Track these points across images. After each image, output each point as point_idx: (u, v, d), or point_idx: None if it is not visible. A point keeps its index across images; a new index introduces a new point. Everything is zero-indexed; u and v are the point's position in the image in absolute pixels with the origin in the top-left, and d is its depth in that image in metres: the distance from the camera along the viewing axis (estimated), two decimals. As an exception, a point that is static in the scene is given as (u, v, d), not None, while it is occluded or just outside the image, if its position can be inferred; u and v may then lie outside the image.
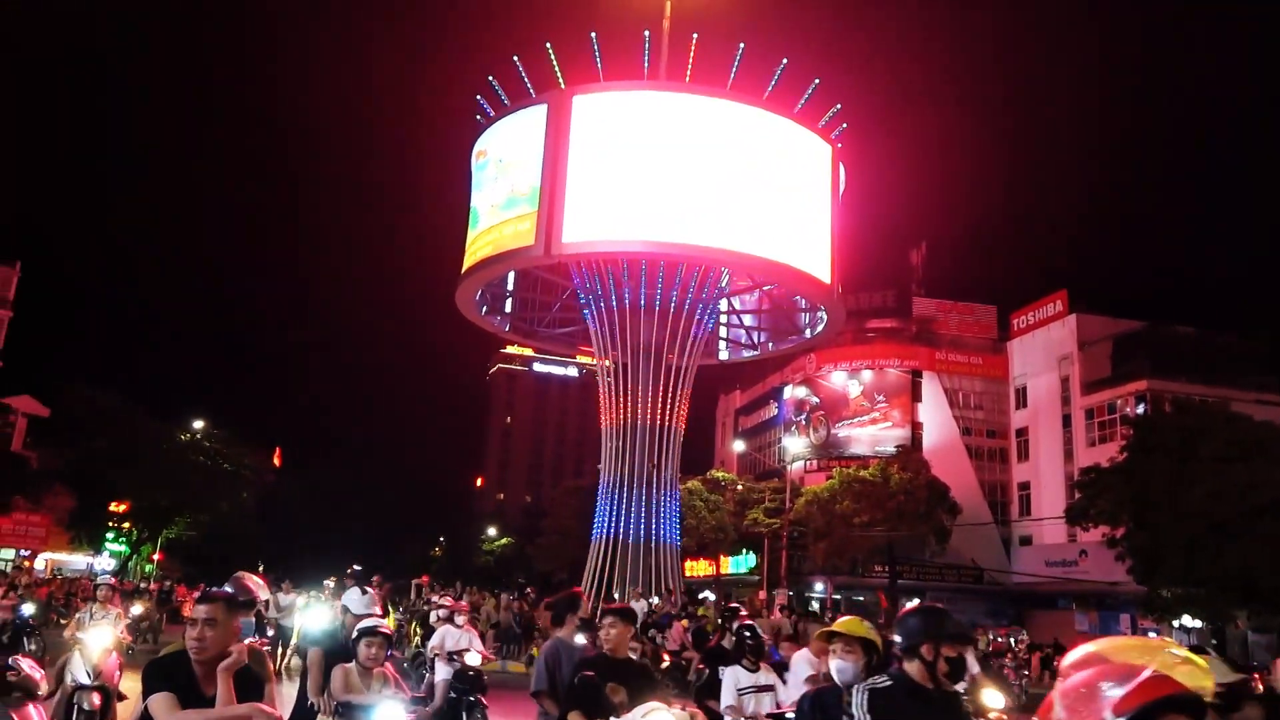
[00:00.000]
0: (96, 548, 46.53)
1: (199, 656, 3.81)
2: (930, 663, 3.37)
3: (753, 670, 6.30)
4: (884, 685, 3.40)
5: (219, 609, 3.88)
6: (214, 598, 3.96)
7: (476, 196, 31.01)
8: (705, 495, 42.44)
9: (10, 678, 5.98)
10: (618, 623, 5.43)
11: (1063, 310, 45.81)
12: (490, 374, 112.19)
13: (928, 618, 3.49)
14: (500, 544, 70.27)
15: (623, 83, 29.32)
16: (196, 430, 45.56)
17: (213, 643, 3.81)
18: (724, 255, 28.42)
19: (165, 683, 3.74)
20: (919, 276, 54.70)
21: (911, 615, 3.57)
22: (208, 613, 3.85)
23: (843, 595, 44.46)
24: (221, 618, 3.86)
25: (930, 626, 3.43)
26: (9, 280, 51.42)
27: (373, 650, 5.63)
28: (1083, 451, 41.46)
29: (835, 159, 30.87)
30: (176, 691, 3.71)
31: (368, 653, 5.62)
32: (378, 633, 5.70)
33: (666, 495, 29.22)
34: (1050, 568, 41.62)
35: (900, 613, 3.60)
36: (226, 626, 3.89)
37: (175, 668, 3.82)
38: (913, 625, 3.47)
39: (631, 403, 29.05)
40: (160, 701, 3.68)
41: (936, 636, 3.39)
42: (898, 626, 3.54)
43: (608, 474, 29.55)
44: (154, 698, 3.69)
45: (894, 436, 47.69)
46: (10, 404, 46.61)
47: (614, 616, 5.50)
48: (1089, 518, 30.78)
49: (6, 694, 5.99)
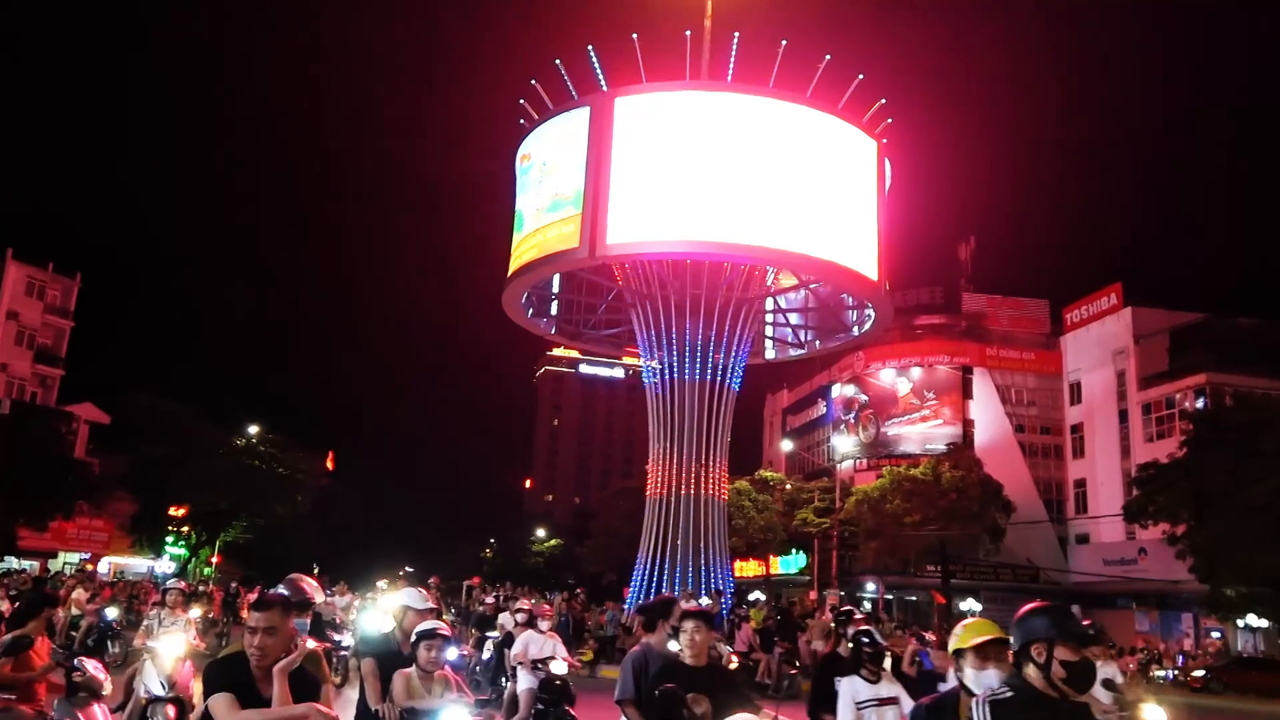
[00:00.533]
0: (157, 551, 47.64)
1: (260, 664, 3.87)
2: (1042, 666, 3.14)
3: (873, 681, 5.81)
4: (1005, 696, 3.17)
5: (276, 615, 3.93)
6: (270, 604, 4.01)
7: (521, 200, 31.21)
8: (753, 495, 42.28)
9: (75, 678, 6.16)
10: (700, 627, 5.02)
11: (1117, 303, 44.91)
12: (537, 376, 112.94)
13: (1040, 616, 3.24)
14: (549, 545, 70.67)
15: (665, 83, 29.30)
16: (251, 435, 46.42)
17: (272, 649, 3.87)
18: (768, 254, 28.27)
19: (225, 683, 3.82)
20: (968, 271, 54.05)
21: (1026, 615, 3.29)
22: (266, 620, 3.89)
23: (895, 595, 44.03)
24: (279, 623, 3.92)
25: (1043, 626, 3.19)
26: (70, 291, 52.93)
27: (432, 653, 5.48)
28: (1140, 447, 40.65)
29: (880, 154, 30.56)
30: (236, 692, 3.79)
31: (427, 655, 5.47)
32: (436, 634, 5.54)
33: (714, 498, 29.13)
34: (1109, 566, 40.84)
35: (1018, 613, 3.34)
36: (284, 631, 3.95)
37: (234, 668, 3.90)
38: (1028, 626, 3.23)
39: (678, 403, 29.03)
40: (220, 702, 3.76)
41: (1050, 637, 3.15)
42: (1015, 628, 3.31)
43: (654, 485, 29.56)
44: (214, 698, 3.78)
45: (945, 434, 47.13)
46: (73, 411, 47.95)
47: (696, 620, 5.07)
48: (1148, 515, 30.22)
49: (73, 694, 6.17)
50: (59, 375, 52.11)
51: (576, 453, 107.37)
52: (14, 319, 48.86)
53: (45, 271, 50.83)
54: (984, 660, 3.92)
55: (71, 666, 6.26)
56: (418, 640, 5.52)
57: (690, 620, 5.07)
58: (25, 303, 49.69)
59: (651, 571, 28.29)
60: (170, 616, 9.37)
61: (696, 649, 4.96)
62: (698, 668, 4.92)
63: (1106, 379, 45.09)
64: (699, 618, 5.09)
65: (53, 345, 51.90)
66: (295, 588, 6.01)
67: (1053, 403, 48.64)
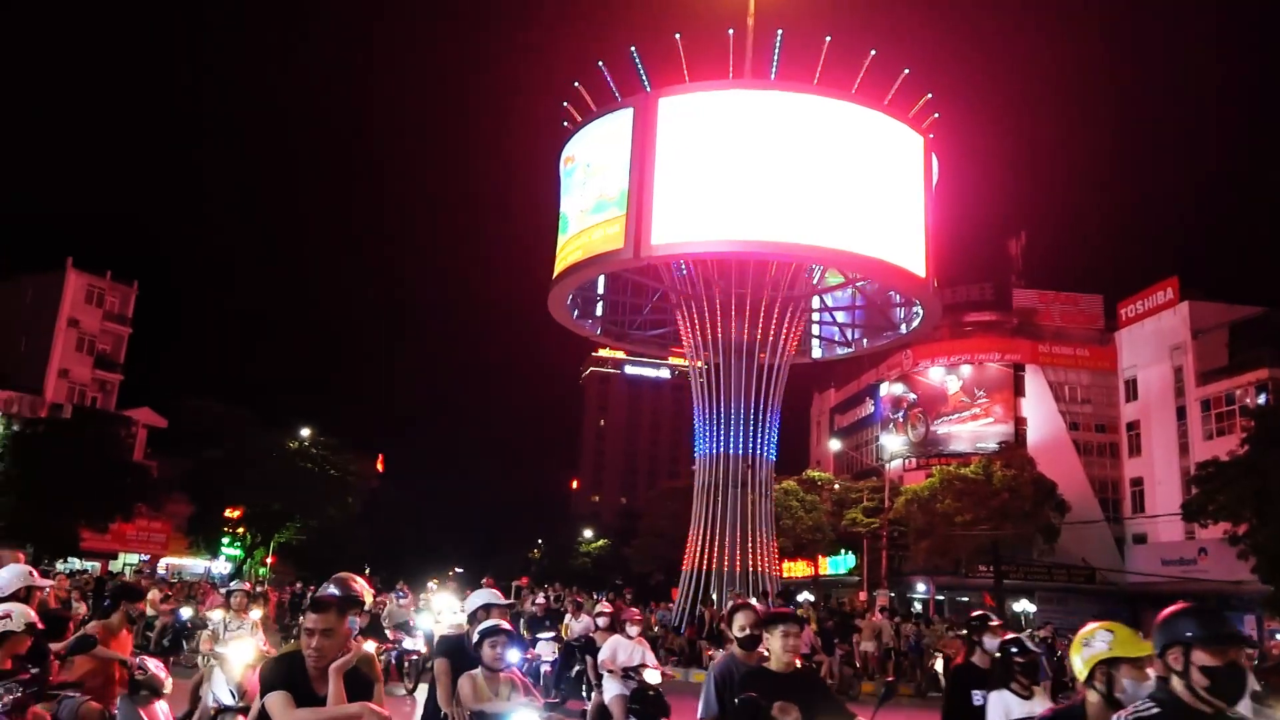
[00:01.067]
0: (213, 552, 48.66)
1: (317, 664, 3.92)
2: (1182, 674, 2.86)
3: (1025, 696, 5.19)
4: (1151, 712, 2.88)
5: (332, 616, 3.98)
6: (327, 605, 4.06)
7: (565, 202, 31.34)
8: (801, 495, 42.03)
9: (137, 676, 6.26)
10: (791, 630, 4.68)
11: (1174, 298, 43.91)
12: (583, 378, 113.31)
13: (1181, 618, 2.93)
14: (597, 546, 70.87)
15: (707, 82, 29.24)
16: (304, 438, 47.18)
17: (329, 650, 3.92)
18: (814, 252, 28.09)
19: (281, 682, 3.88)
20: (1018, 267, 53.26)
21: (1167, 617, 2.97)
22: (323, 622, 3.94)
23: (946, 596, 43.48)
24: (335, 624, 3.97)
25: (1181, 629, 2.89)
26: (128, 299, 54.25)
27: (497, 650, 5.32)
28: (1199, 445, 39.72)
29: (927, 150, 30.21)
30: (291, 691, 3.85)
31: (491, 654, 5.30)
32: (500, 631, 5.39)
33: (762, 496, 29.00)
34: (1167, 566, 39.96)
35: (1159, 616, 3.03)
36: (340, 631, 4.00)
37: (290, 667, 3.96)
38: (1166, 630, 2.93)
39: (725, 397, 28.97)
40: (277, 700, 3.82)
41: (1186, 641, 2.85)
42: (1156, 633, 3.00)
43: (701, 476, 29.53)
44: (270, 696, 3.84)
45: (996, 433, 46.47)
46: (131, 416, 49.17)
47: (786, 623, 4.71)
48: (1208, 514, 29.53)
49: (135, 692, 6.27)
50: (118, 380, 53.43)
51: (623, 453, 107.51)
52: (74, 326, 50.20)
53: (104, 280, 52.18)
54: (1140, 670, 3.54)
55: (136, 665, 6.35)
56: (481, 638, 5.38)
57: (779, 623, 4.75)
58: (85, 310, 51.04)
59: (699, 572, 28.23)
60: (236, 620, 9.08)
61: (790, 653, 4.66)
62: (786, 674, 4.62)
63: (1163, 375, 44.13)
64: (788, 620, 4.78)
65: (111, 351, 53.22)
66: (345, 587, 5.93)
67: (1108, 400, 47.70)
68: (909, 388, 50.78)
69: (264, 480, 42.44)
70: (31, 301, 49.67)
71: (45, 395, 47.21)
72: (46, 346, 48.83)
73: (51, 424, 40.28)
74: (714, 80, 29.25)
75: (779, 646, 4.67)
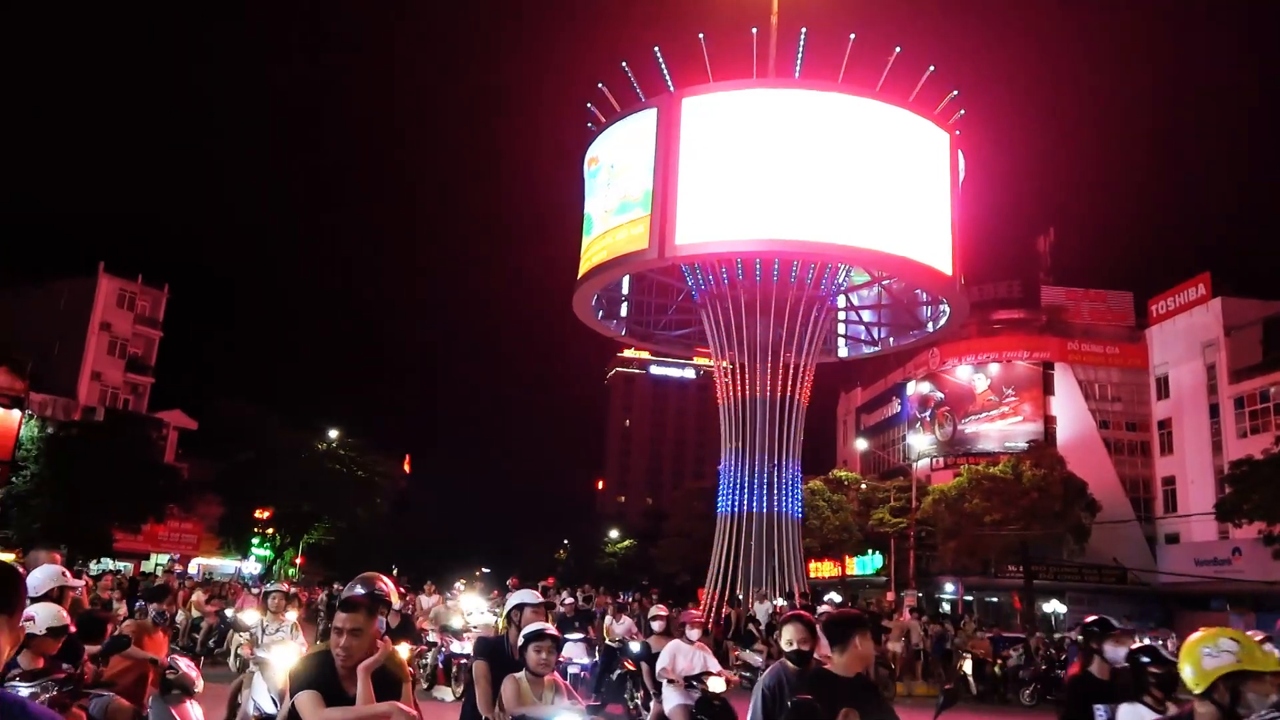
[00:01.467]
0: (243, 553, 49.12)
1: (346, 663, 3.96)
2: None
3: (1160, 711, 4.80)
4: None
5: (361, 616, 4.02)
6: (357, 605, 4.09)
7: (590, 203, 31.40)
8: (828, 495, 41.84)
9: (169, 676, 6.31)
10: (867, 636, 4.45)
11: (1206, 294, 43.31)
12: (608, 378, 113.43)
13: None
14: (622, 546, 70.88)
15: (731, 82, 29.19)
16: (332, 440, 47.53)
17: (357, 649, 3.96)
18: (839, 251, 27.98)
19: (310, 681, 3.91)
20: (1047, 264, 52.75)
21: None
22: (352, 621, 3.98)
23: (974, 596, 43.13)
24: (364, 624, 4.01)
25: None
26: (159, 302, 54.90)
27: (542, 655, 5.18)
28: (1232, 443, 39.13)
29: (953, 146, 30.01)
30: (321, 690, 3.88)
31: (537, 658, 5.17)
32: (546, 635, 5.28)
33: (788, 495, 28.93)
34: (1200, 567, 39.43)
35: None
36: (369, 631, 4.03)
37: (319, 667, 3.99)
38: None
39: (750, 396, 28.93)
40: (307, 699, 3.85)
41: None
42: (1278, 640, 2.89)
43: (727, 473, 29.49)
44: (300, 695, 3.87)
45: (1025, 431, 46.05)
46: (163, 418, 49.75)
47: (861, 629, 4.45)
48: (1242, 513, 29.18)
49: (166, 692, 6.33)
50: (149, 383, 54.06)
51: (648, 453, 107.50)
52: (107, 330, 50.86)
53: (135, 284, 52.81)
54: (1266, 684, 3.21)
55: (167, 665, 6.41)
56: (526, 642, 5.27)
57: (858, 629, 4.45)
58: (117, 314, 51.70)
59: (726, 569, 28.21)
60: (274, 622, 8.69)
61: (863, 660, 4.44)
62: (849, 679, 4.36)
63: (1195, 372, 43.53)
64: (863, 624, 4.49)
65: (143, 354, 53.86)
66: (372, 586, 5.87)
67: (1138, 398, 47.14)
68: (936, 386, 50.43)
69: (293, 481, 42.81)
70: (65, 306, 50.37)
71: (79, 398, 47.87)
72: (79, 350, 49.50)
73: (85, 427, 40.82)
74: (737, 80, 29.20)
75: (853, 653, 4.40)
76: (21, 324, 48.22)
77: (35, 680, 5.02)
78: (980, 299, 45.58)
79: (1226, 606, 38.31)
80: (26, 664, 5.09)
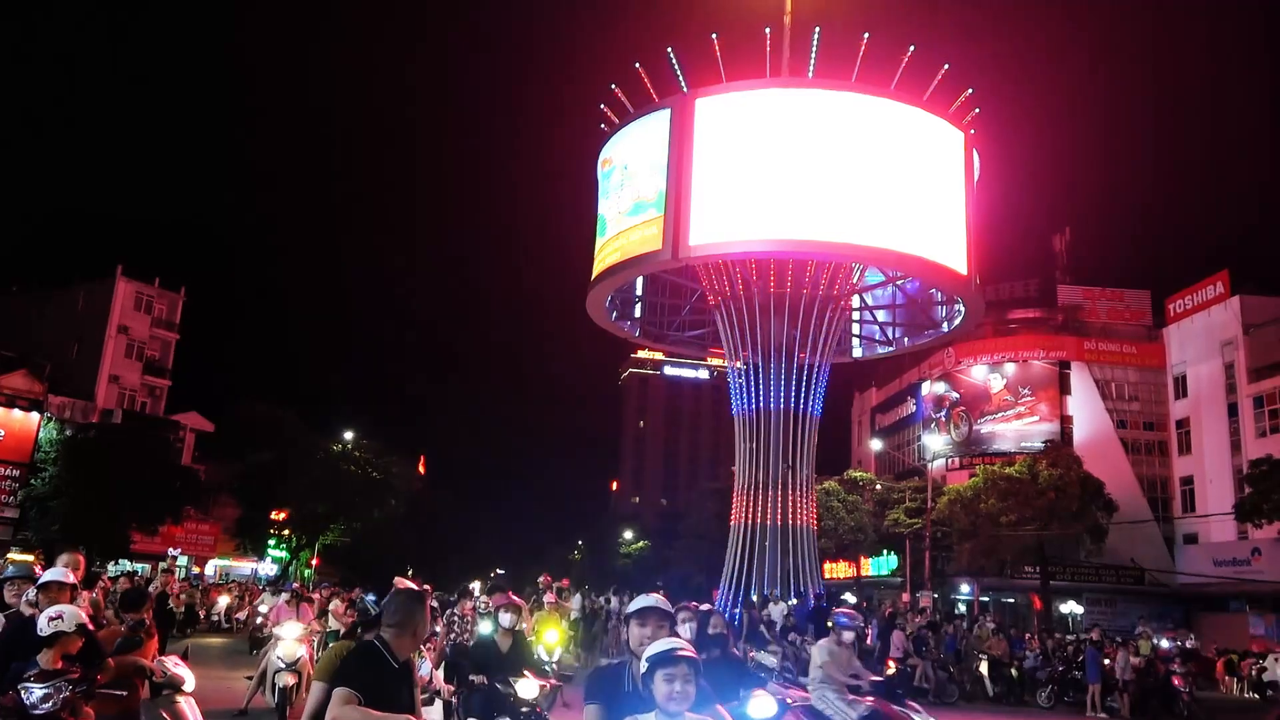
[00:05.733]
0: (260, 554, 49.33)
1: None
2: None
3: None
4: None
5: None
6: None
7: (603, 204, 31.39)
8: (843, 496, 41.72)
9: (156, 679, 6.22)
10: None
11: (1224, 292, 42.95)
12: (622, 379, 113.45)
13: None
14: (637, 547, 70.88)
15: (745, 82, 29.12)
16: (347, 441, 47.70)
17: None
18: (854, 251, 27.88)
19: (355, 679, 3.86)
20: (1063, 263, 52.50)
21: None
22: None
23: (991, 597, 42.89)
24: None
25: None
26: (175, 305, 55.23)
27: (676, 685, 3.17)
28: (1252, 442, 38.80)
29: (968, 145, 29.86)
30: (364, 690, 3.83)
31: (668, 690, 3.18)
32: (680, 658, 3.21)
33: (802, 495, 28.86)
34: (1219, 567, 39.10)
35: None
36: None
37: (369, 666, 4.01)
38: None
39: (764, 401, 28.88)
40: (341, 695, 3.81)
41: None
42: None
43: (742, 478, 29.45)
44: (339, 690, 3.82)
45: (1041, 431, 45.81)
46: (180, 421, 50.05)
47: None
48: (1262, 513, 28.95)
49: (156, 694, 6.27)
50: (166, 386, 54.39)
51: (662, 455, 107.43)
52: (124, 333, 51.19)
53: (152, 287, 53.14)
54: None
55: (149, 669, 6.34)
56: (652, 668, 3.23)
57: None
58: (134, 317, 52.01)
59: (740, 572, 28.16)
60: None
61: None
62: None
63: (1214, 371, 43.18)
64: None
65: (160, 357, 54.19)
66: None
67: (1156, 397, 46.81)
68: (951, 386, 50.22)
69: (309, 483, 42.98)
70: (83, 309, 50.75)
71: (97, 401, 48.19)
72: (98, 353, 49.83)
73: (103, 429, 41.11)
74: (751, 79, 29.14)
75: None
76: (40, 327, 48.63)
77: (49, 681, 5.05)
78: (996, 298, 45.38)
79: (1246, 607, 38.01)
80: (46, 663, 5.12)
